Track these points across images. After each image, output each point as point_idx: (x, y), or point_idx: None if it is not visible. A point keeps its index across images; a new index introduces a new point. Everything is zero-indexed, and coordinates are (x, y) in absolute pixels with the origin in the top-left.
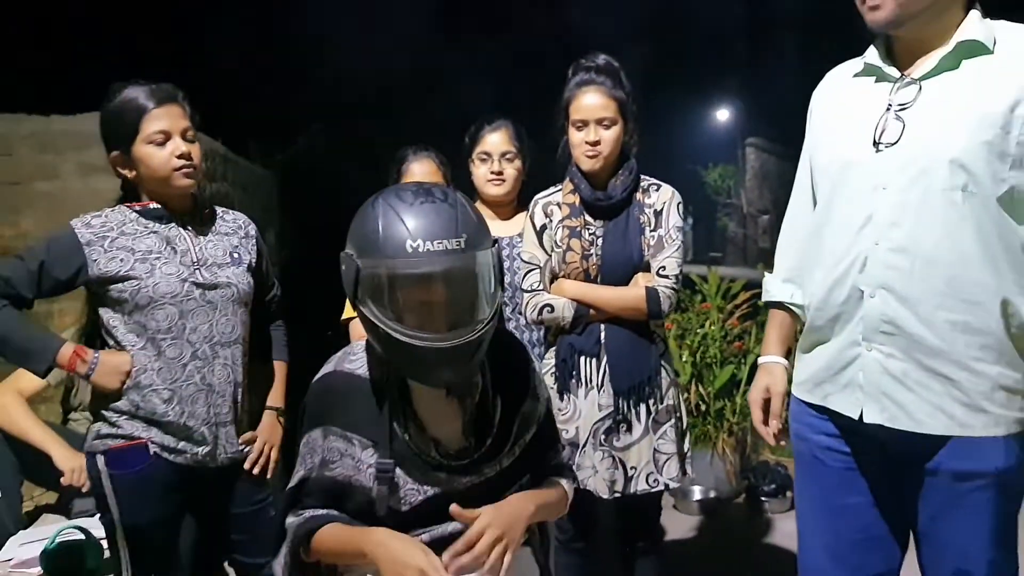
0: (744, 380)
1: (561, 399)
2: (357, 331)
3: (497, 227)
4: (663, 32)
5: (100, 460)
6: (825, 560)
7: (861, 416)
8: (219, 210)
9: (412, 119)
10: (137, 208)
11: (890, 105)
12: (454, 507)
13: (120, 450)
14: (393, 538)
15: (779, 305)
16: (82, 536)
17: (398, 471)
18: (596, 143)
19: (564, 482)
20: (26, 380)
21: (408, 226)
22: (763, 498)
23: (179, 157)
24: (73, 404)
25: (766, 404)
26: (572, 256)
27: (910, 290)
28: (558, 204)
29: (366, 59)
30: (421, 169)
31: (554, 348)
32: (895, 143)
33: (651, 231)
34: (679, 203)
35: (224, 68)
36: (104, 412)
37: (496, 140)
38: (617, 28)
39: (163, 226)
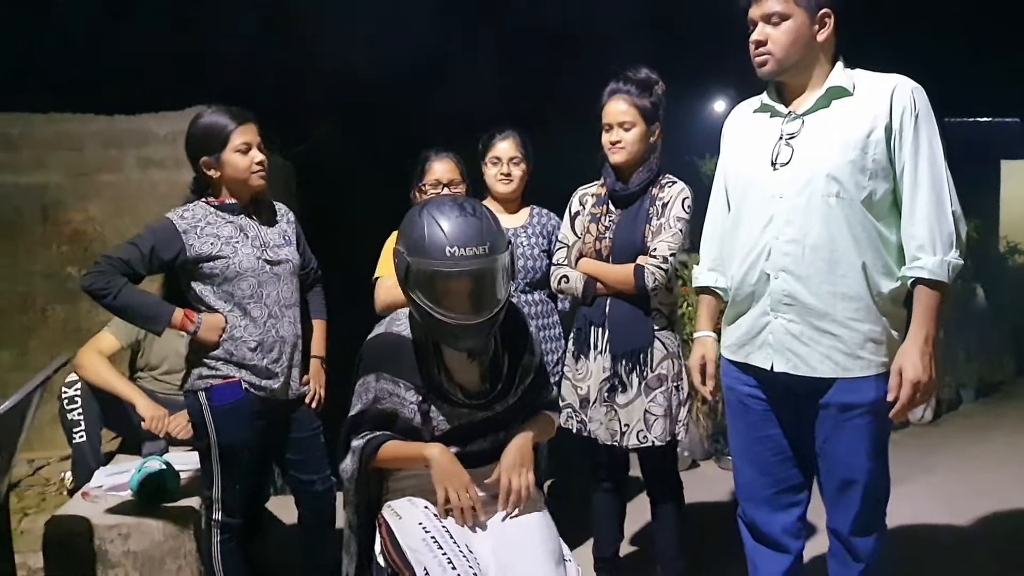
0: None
1: (576, 361)
2: (383, 289)
3: (505, 219)
4: (660, 23)
5: (202, 395)
6: (754, 475)
7: (772, 367)
8: (268, 200)
9: (428, 112)
10: (215, 203)
11: (782, 135)
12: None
13: (219, 387)
14: (446, 453)
15: (706, 289)
16: (163, 465)
17: (432, 407)
18: (617, 142)
19: (551, 413)
20: (104, 343)
21: (447, 234)
22: (727, 455)
23: (257, 164)
24: (139, 365)
25: (703, 369)
26: (589, 238)
27: (802, 271)
28: (592, 194)
29: (383, 51)
30: (442, 167)
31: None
32: (787, 163)
33: (657, 220)
34: (685, 198)
35: (246, 63)
36: (204, 360)
37: (505, 147)
38: (614, 18)
39: (236, 216)
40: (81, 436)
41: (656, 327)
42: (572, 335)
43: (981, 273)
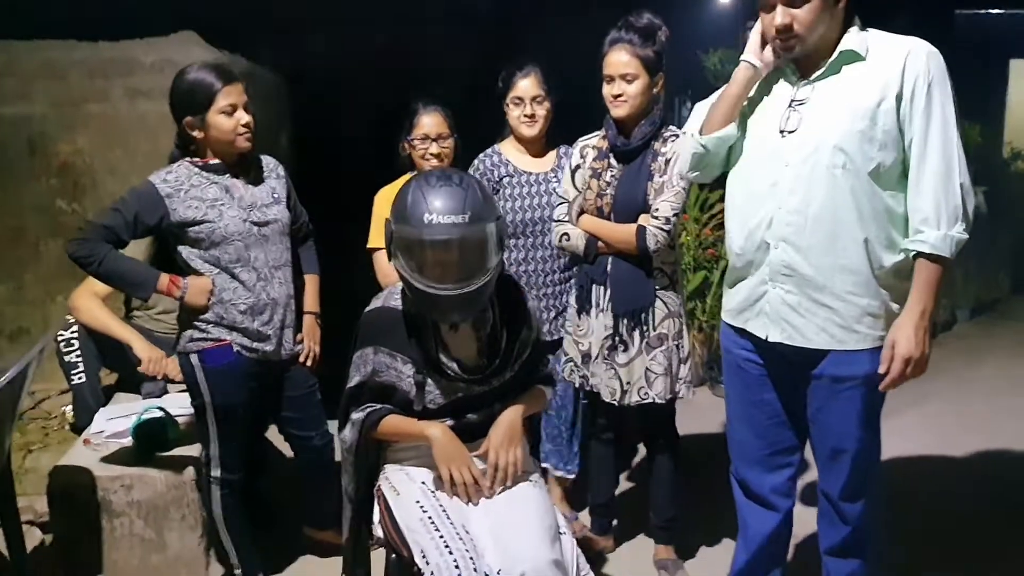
0: (716, 283)
1: (579, 318)
2: (381, 260)
3: (530, 163)
4: None
5: (194, 358)
6: (749, 435)
7: (768, 338)
8: (256, 157)
9: (424, 29)
10: (200, 164)
11: (792, 101)
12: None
13: (210, 350)
14: (447, 432)
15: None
16: (162, 413)
17: (429, 381)
18: (619, 95)
19: (545, 388)
20: (98, 285)
21: (428, 203)
22: (720, 383)
23: (243, 126)
24: (135, 304)
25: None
26: (590, 194)
27: (803, 241)
28: (592, 147)
29: None
30: (430, 120)
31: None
32: (794, 131)
33: (659, 177)
34: None
35: None
36: (195, 322)
37: (527, 85)
38: None
39: (221, 177)
40: (80, 378)
41: (658, 286)
42: (574, 291)
43: (982, 180)
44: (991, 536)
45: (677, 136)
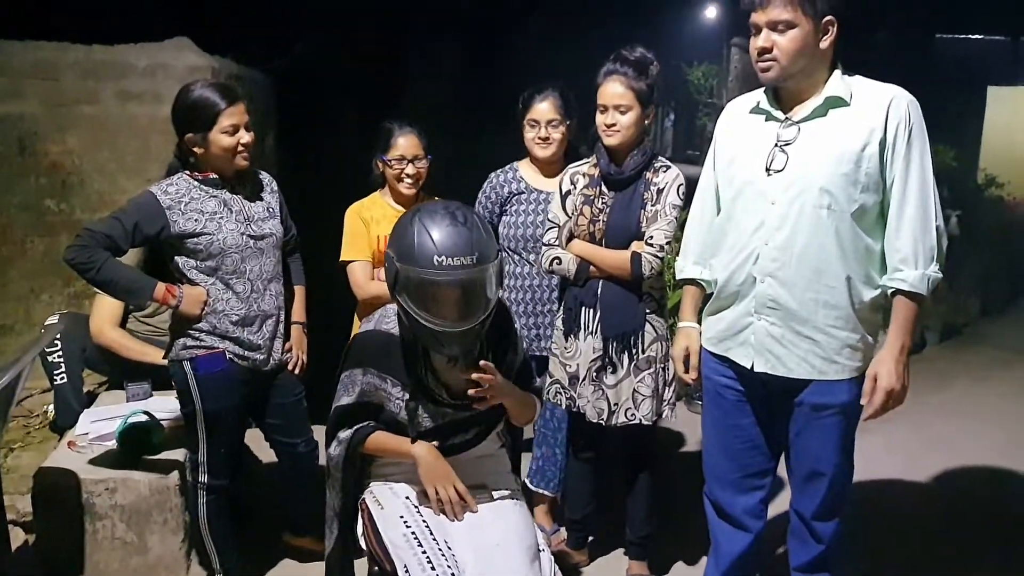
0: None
1: (566, 340)
2: (362, 276)
3: (544, 183)
4: None
5: (187, 365)
6: (722, 458)
7: (752, 367)
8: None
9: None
10: (199, 177)
11: (778, 141)
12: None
13: (203, 357)
14: (432, 451)
15: (691, 281)
16: (147, 417)
17: (418, 406)
18: (612, 125)
19: (536, 399)
20: (106, 309)
21: (436, 243)
22: (697, 400)
23: (243, 145)
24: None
25: (686, 360)
26: (582, 220)
27: (788, 277)
28: (583, 174)
29: None
30: (406, 142)
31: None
32: (781, 170)
33: (651, 206)
34: (680, 184)
35: None
36: (188, 331)
37: (543, 108)
38: None
39: (219, 191)
40: (62, 378)
41: (647, 311)
42: (561, 314)
43: (955, 204)
44: (955, 554)
45: (668, 167)
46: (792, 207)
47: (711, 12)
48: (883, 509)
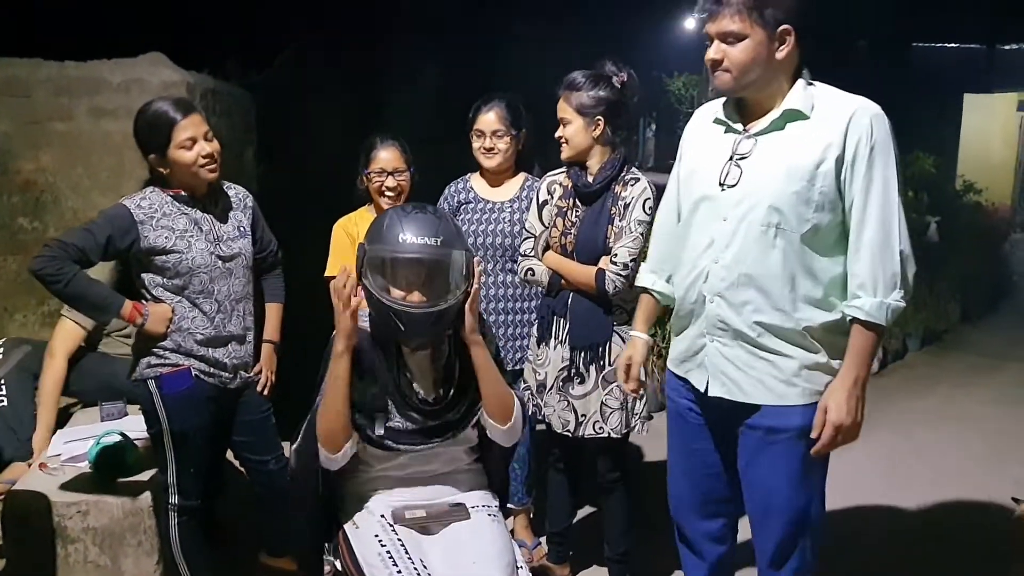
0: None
1: (539, 347)
2: None
3: (492, 193)
4: None
5: (152, 384)
6: (683, 483)
7: (707, 390)
8: (224, 186)
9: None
10: (171, 194)
11: (733, 155)
12: None
13: (168, 376)
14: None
15: (645, 290)
16: (121, 438)
17: (390, 404)
18: (560, 138)
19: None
20: (69, 335)
21: (402, 225)
22: None
23: (204, 157)
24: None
25: (627, 369)
26: (555, 232)
27: (735, 298)
28: (560, 184)
29: None
30: (387, 155)
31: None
32: (734, 185)
33: (619, 221)
34: (647, 199)
35: None
36: (153, 349)
37: (489, 119)
38: None
39: (190, 209)
40: (1, 401)
41: (616, 323)
42: (536, 321)
43: (934, 211)
44: (935, 562)
45: (638, 180)
46: (741, 224)
47: (690, 23)
48: (863, 516)
